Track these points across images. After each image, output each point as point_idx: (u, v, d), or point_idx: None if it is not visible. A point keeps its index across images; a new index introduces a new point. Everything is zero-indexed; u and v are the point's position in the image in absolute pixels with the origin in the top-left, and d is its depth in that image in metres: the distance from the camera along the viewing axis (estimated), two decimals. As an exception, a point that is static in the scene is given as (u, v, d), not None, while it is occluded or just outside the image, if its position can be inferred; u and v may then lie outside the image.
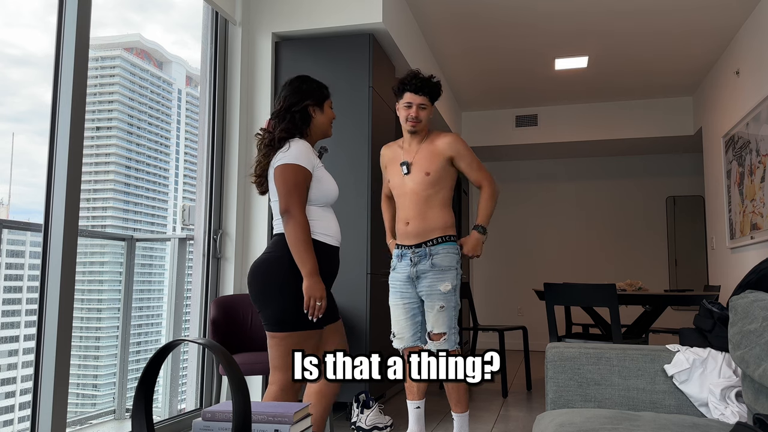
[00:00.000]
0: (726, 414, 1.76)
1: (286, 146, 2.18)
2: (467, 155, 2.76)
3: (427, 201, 2.71)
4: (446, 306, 2.67)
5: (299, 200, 2.12)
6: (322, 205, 2.23)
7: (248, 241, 3.86)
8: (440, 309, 2.66)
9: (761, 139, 4.48)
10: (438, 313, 2.66)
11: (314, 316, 2.09)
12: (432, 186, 2.72)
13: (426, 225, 2.70)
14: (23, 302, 3.15)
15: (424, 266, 2.69)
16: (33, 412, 2.47)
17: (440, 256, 2.68)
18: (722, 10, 4.60)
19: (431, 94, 2.75)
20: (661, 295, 3.74)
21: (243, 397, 1.57)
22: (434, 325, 2.67)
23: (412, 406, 2.84)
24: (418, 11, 4.65)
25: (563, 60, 5.58)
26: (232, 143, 3.85)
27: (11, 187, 3.27)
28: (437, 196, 2.73)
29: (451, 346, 2.67)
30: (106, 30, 4.78)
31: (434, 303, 2.67)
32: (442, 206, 2.73)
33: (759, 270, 1.75)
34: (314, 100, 2.27)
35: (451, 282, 2.67)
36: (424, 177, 2.71)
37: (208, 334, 3.22)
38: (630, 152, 7.57)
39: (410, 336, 2.77)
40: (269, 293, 2.11)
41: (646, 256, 7.63)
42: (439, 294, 2.66)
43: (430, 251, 2.69)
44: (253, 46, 4.01)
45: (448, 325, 2.67)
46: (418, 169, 2.74)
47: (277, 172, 2.14)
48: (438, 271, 2.68)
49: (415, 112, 2.73)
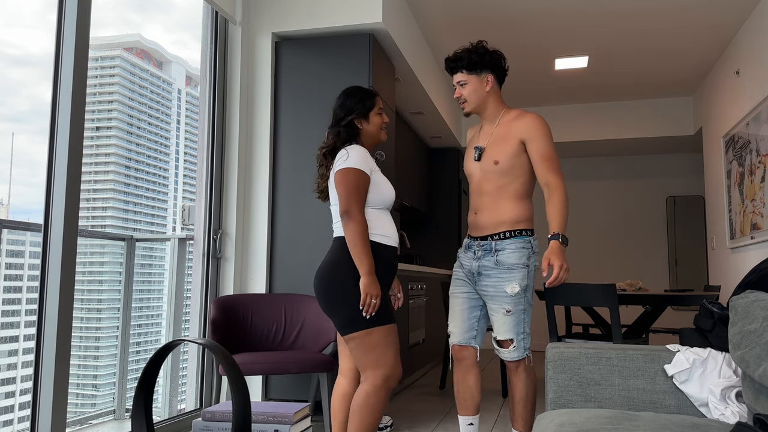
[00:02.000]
0: (726, 414, 1.76)
1: (344, 153, 2.29)
2: (541, 143, 2.36)
3: (498, 192, 2.41)
4: (513, 310, 2.35)
5: (359, 202, 2.22)
6: (379, 208, 2.33)
7: (248, 241, 3.86)
8: (506, 313, 2.36)
9: (761, 139, 4.48)
10: (504, 318, 2.37)
11: (368, 313, 2.16)
12: (503, 176, 2.40)
13: (495, 217, 2.41)
14: (23, 302, 3.16)
15: (487, 262, 2.40)
16: (33, 412, 2.47)
17: (507, 252, 2.37)
18: (722, 10, 4.60)
19: (467, 65, 2.43)
20: (661, 295, 3.74)
21: (243, 397, 1.57)
22: (499, 331, 2.39)
23: (463, 422, 2.52)
24: (418, 11, 4.65)
25: (563, 60, 5.58)
26: (232, 143, 3.85)
27: (11, 187, 3.27)
28: (510, 187, 2.41)
29: (521, 354, 2.38)
30: (106, 30, 4.79)
31: (499, 306, 2.37)
32: (517, 198, 2.41)
33: (759, 270, 1.75)
34: (358, 113, 2.38)
35: (519, 282, 2.35)
36: (493, 166, 2.41)
37: (208, 334, 3.22)
38: (630, 152, 7.57)
39: (463, 332, 2.48)
40: (336, 297, 2.20)
41: (646, 256, 7.63)
42: (504, 296, 2.36)
43: (495, 246, 2.39)
44: (253, 46, 4.01)
45: (515, 331, 2.36)
46: (488, 156, 2.43)
47: (338, 176, 2.25)
48: (504, 269, 2.37)
49: (458, 92, 2.49)
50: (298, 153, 3.88)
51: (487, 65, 2.44)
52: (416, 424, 3.56)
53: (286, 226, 3.85)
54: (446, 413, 3.87)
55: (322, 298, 2.24)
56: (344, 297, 2.19)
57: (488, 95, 2.47)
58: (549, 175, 2.34)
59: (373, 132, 2.42)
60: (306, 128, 3.89)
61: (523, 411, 2.42)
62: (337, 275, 2.21)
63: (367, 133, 2.40)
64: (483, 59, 2.43)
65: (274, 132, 3.95)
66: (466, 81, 2.46)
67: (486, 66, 2.44)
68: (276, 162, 3.92)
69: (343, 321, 2.20)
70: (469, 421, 2.52)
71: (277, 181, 3.90)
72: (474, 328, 2.48)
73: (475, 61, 2.43)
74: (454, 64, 2.46)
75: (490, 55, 2.45)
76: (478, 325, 2.48)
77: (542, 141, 2.36)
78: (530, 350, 2.42)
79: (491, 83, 2.46)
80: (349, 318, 2.18)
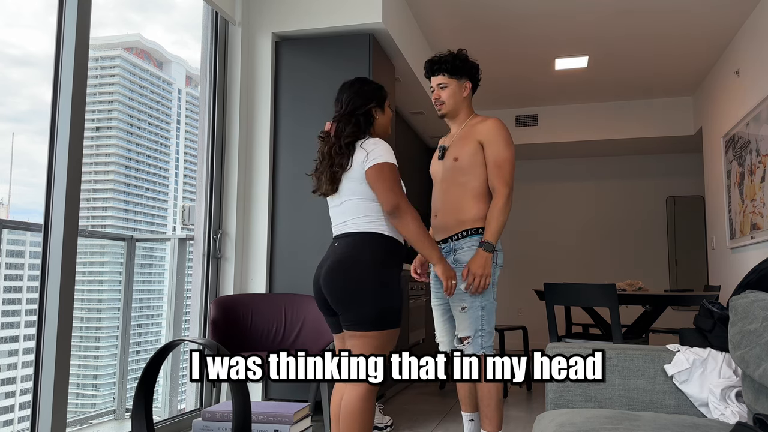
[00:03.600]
0: (726, 414, 1.76)
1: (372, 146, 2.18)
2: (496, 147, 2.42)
3: (458, 190, 2.48)
4: (469, 306, 2.40)
5: (403, 195, 2.16)
6: None
7: (248, 241, 3.86)
8: (462, 310, 2.41)
9: (761, 139, 4.48)
10: (460, 315, 2.42)
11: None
12: (463, 173, 2.47)
13: (455, 217, 2.47)
14: (23, 302, 3.16)
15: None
16: (33, 412, 2.47)
17: (463, 251, 2.43)
18: (722, 10, 4.60)
19: (449, 69, 2.50)
20: (661, 295, 3.74)
21: (243, 397, 1.57)
22: (459, 328, 2.44)
23: (465, 418, 2.61)
24: (418, 11, 4.65)
25: (563, 60, 5.58)
26: (232, 143, 3.85)
27: (11, 187, 3.28)
28: (469, 185, 2.46)
29: (476, 350, 2.40)
30: (107, 30, 4.79)
31: (456, 303, 2.43)
32: (476, 197, 2.46)
33: (759, 270, 1.75)
34: (376, 102, 2.30)
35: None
36: (453, 163, 2.48)
37: (208, 334, 3.22)
38: (630, 152, 7.58)
39: (449, 341, 2.57)
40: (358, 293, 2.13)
41: (646, 256, 7.63)
42: (459, 293, 2.41)
43: (454, 246, 2.46)
44: (253, 46, 4.01)
45: (473, 328, 2.40)
46: (450, 154, 2.51)
47: (374, 171, 2.14)
48: (460, 267, 2.43)
49: (436, 94, 2.54)
50: (298, 153, 3.88)
51: (467, 73, 2.54)
52: (416, 424, 3.56)
53: (286, 226, 3.85)
54: (446, 413, 3.87)
55: (340, 292, 2.14)
56: (366, 294, 2.13)
57: (464, 101, 2.56)
58: (496, 181, 2.42)
59: (386, 124, 2.34)
60: (306, 128, 3.89)
61: (487, 410, 2.41)
62: (360, 272, 2.13)
63: (380, 125, 2.32)
64: (465, 66, 2.53)
65: (274, 132, 3.95)
66: (446, 84, 2.53)
67: (466, 73, 2.54)
68: (276, 162, 3.92)
69: (366, 318, 2.13)
70: (470, 417, 2.60)
71: (277, 181, 3.90)
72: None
73: (459, 66, 2.51)
74: (438, 66, 2.52)
75: (471, 64, 2.55)
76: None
77: (497, 145, 2.43)
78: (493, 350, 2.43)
79: (468, 90, 2.56)
80: (369, 316, 2.12)
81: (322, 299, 2.24)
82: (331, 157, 2.23)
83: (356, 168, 2.18)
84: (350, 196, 2.21)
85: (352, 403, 2.14)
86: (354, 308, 2.13)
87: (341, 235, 2.23)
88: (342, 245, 2.20)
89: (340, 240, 2.22)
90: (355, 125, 2.23)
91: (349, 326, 2.17)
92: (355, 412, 2.14)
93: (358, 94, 2.27)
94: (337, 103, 2.31)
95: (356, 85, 2.29)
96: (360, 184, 2.19)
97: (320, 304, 2.26)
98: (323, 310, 2.26)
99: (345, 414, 2.14)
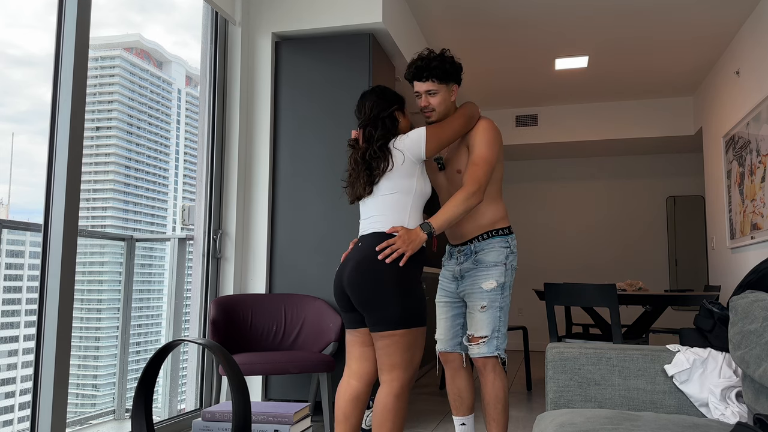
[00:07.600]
0: (726, 414, 1.76)
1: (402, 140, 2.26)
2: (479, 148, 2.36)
3: None
4: (489, 306, 2.36)
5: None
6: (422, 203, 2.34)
7: (248, 241, 3.86)
8: (481, 309, 2.36)
9: (761, 139, 4.48)
10: (479, 314, 2.37)
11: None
12: None
13: (473, 223, 2.44)
14: (23, 302, 3.16)
15: (469, 264, 2.43)
16: (33, 412, 2.47)
17: (485, 251, 2.41)
18: (722, 10, 4.60)
19: (440, 76, 2.36)
20: (661, 295, 3.74)
21: (243, 397, 1.57)
22: (475, 328, 2.38)
23: (456, 422, 2.57)
24: (418, 11, 4.65)
25: (563, 60, 5.58)
26: (232, 143, 3.85)
27: (11, 187, 3.28)
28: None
29: (491, 350, 2.35)
30: (107, 30, 4.79)
31: (475, 302, 2.38)
32: (489, 200, 2.44)
33: (759, 270, 1.75)
34: (399, 105, 2.36)
35: (496, 279, 2.37)
36: (458, 175, 2.45)
37: (208, 334, 3.22)
38: (630, 152, 7.57)
39: (448, 340, 2.53)
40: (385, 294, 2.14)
41: (646, 256, 7.63)
42: (480, 292, 2.37)
43: (475, 248, 2.43)
44: (253, 46, 4.01)
45: (490, 328, 2.36)
46: (451, 166, 2.47)
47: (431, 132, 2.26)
48: (482, 267, 2.40)
49: (425, 101, 2.39)
50: (298, 153, 3.88)
51: (455, 76, 2.41)
52: (416, 424, 3.56)
53: (286, 226, 3.85)
54: (446, 413, 3.87)
55: (365, 293, 2.15)
56: (390, 294, 2.14)
57: (452, 105, 2.45)
58: (467, 175, 2.31)
59: (406, 128, 2.39)
60: (306, 128, 3.89)
61: (494, 413, 2.38)
62: (392, 271, 2.15)
63: (401, 128, 2.37)
64: (454, 69, 2.39)
65: (274, 132, 3.95)
66: (436, 90, 2.37)
67: (454, 77, 2.41)
68: (276, 162, 3.92)
69: (395, 317, 2.14)
70: (461, 422, 2.55)
71: (277, 181, 3.90)
72: (458, 335, 2.52)
73: (449, 71, 2.37)
74: (427, 72, 2.35)
75: (458, 66, 2.42)
76: (462, 332, 2.53)
77: (479, 145, 2.34)
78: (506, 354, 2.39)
79: (456, 93, 2.45)
80: (399, 315, 2.13)
81: (343, 297, 2.25)
82: (366, 161, 2.27)
83: (398, 167, 2.25)
84: (387, 191, 2.26)
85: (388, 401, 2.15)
86: (379, 309, 2.15)
87: (366, 236, 2.26)
88: (366, 245, 2.22)
89: (365, 239, 2.25)
90: (383, 127, 2.30)
91: (375, 327, 2.17)
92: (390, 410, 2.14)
93: (381, 98, 2.34)
94: (360, 111, 2.36)
95: (377, 91, 2.36)
96: (400, 178, 2.25)
97: (340, 301, 2.27)
98: (342, 306, 2.28)
99: (379, 411, 2.15)
